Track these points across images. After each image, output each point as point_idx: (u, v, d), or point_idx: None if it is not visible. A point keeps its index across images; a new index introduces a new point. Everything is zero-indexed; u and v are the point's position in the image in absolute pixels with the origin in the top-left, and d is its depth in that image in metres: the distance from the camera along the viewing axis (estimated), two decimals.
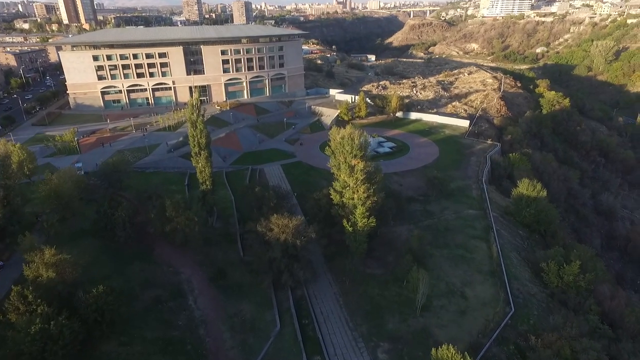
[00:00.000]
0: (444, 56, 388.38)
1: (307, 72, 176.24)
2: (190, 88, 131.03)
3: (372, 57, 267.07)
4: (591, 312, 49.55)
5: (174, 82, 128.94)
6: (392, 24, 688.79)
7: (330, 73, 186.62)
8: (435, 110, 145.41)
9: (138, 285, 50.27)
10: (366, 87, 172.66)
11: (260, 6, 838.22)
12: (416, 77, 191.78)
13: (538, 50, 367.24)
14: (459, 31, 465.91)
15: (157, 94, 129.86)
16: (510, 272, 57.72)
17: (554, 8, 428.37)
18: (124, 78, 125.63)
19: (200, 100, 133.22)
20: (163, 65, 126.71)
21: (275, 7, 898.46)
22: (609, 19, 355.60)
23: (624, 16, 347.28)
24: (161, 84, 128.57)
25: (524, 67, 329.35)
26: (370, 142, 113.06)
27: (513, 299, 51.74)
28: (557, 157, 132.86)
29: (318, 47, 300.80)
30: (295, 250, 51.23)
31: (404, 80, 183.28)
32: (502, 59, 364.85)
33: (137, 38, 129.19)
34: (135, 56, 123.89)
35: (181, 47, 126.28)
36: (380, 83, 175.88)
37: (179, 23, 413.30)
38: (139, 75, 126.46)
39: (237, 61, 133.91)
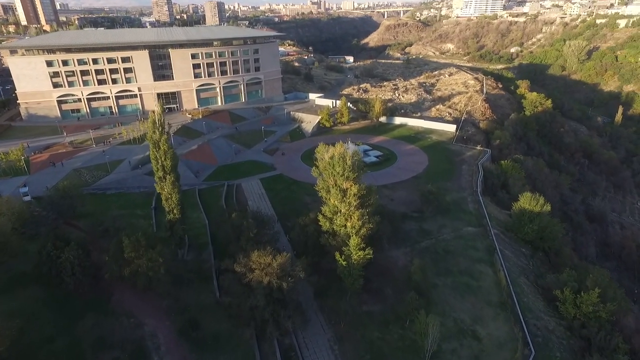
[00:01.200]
0: (420, 56, 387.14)
1: (285, 75, 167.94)
2: (159, 95, 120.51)
3: (350, 59, 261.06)
4: (619, 351, 43.82)
5: (139, 89, 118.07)
6: (366, 24, 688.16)
7: (309, 76, 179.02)
8: (419, 114, 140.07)
9: (90, 347, 41.05)
10: (346, 91, 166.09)
11: (234, 7, 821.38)
12: (397, 79, 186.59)
13: (512, 50, 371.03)
14: (434, 31, 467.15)
15: (122, 102, 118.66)
16: (523, 302, 51.56)
17: (525, 8, 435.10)
18: (83, 85, 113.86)
19: (170, 108, 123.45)
20: (127, 70, 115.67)
21: (249, 8, 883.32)
22: (579, 19, 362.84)
23: (593, 16, 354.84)
24: (125, 91, 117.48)
25: (499, 66, 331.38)
26: (354, 148, 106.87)
27: (531, 338, 45.46)
28: (544, 161, 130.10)
29: (294, 48, 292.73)
30: (281, 294, 43.28)
31: (384, 83, 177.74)
32: (478, 59, 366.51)
33: (97, 41, 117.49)
34: (95, 61, 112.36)
35: (147, 51, 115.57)
36: (361, 86, 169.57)
37: (147, 24, 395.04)
38: (101, 82, 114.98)
39: (209, 65, 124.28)
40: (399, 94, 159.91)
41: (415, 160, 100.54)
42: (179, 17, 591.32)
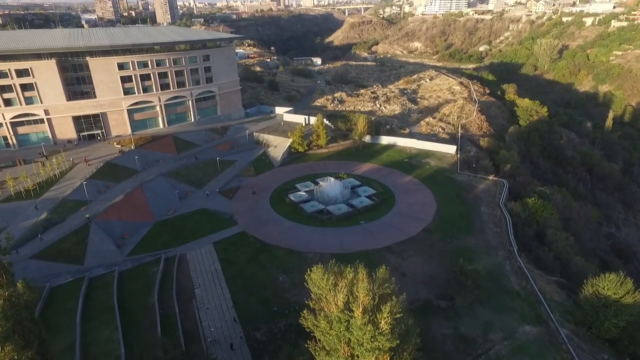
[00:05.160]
0: (388, 56, 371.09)
1: (245, 83, 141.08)
2: (76, 119, 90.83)
3: (318, 61, 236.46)
4: None
5: (47, 112, 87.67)
6: (329, 21, 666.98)
7: (274, 84, 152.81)
8: (408, 130, 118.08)
9: None
10: (319, 101, 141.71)
11: (189, 3, 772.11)
12: (375, 86, 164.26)
13: (481, 49, 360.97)
14: (400, 29, 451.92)
15: (22, 129, 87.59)
16: None
17: (490, 6, 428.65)
18: None
19: (92, 135, 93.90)
20: (26, 87, 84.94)
21: (205, 5, 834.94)
22: (545, 17, 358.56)
23: (559, 14, 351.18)
24: (26, 115, 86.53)
25: (470, 66, 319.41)
26: (340, 187, 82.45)
27: None
28: (550, 183, 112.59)
29: (255, 49, 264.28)
30: None
31: (361, 90, 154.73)
32: (447, 58, 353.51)
33: None
34: None
35: (54, 60, 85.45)
36: (335, 95, 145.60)
37: (83, 23, 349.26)
38: None
39: (145, 77, 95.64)
40: (380, 105, 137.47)
41: (419, 201, 77.71)
42: (127, 14, 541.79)
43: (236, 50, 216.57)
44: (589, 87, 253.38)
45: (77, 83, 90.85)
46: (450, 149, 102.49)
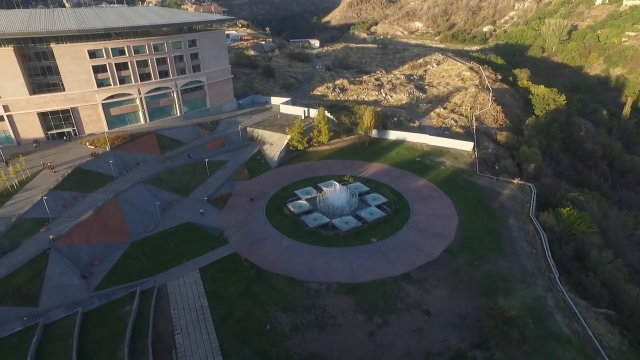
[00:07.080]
0: (388, 37, 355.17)
1: (237, 69, 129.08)
2: (42, 115, 79.24)
3: (316, 43, 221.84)
4: None
5: (7, 108, 75.91)
6: (325, 0, 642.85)
7: (269, 70, 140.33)
8: (417, 122, 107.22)
9: None
10: (319, 90, 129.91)
11: None
12: (378, 72, 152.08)
13: (485, 29, 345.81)
14: (400, 8, 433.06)
15: None
16: None
17: None
18: None
19: (63, 134, 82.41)
20: None
21: None
22: None
23: None
24: None
25: (474, 47, 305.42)
26: (346, 195, 72.11)
27: None
28: (572, 181, 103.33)
29: (249, 30, 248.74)
30: None
31: (364, 77, 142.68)
32: (450, 39, 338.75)
33: None
34: None
35: (12, 48, 73.26)
36: (337, 83, 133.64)
37: (65, 2, 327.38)
38: None
39: (121, 67, 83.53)
40: (385, 94, 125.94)
41: (437, 212, 67.71)
42: None
43: (228, 32, 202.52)
44: (599, 70, 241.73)
45: (42, 74, 78.73)
46: (467, 145, 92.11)
